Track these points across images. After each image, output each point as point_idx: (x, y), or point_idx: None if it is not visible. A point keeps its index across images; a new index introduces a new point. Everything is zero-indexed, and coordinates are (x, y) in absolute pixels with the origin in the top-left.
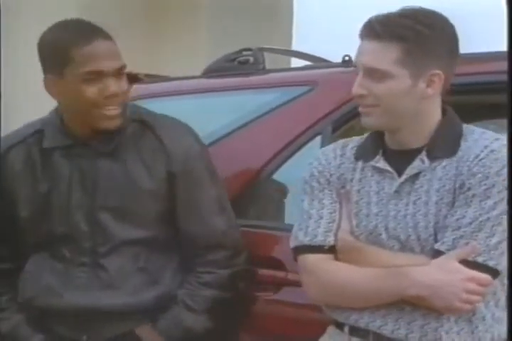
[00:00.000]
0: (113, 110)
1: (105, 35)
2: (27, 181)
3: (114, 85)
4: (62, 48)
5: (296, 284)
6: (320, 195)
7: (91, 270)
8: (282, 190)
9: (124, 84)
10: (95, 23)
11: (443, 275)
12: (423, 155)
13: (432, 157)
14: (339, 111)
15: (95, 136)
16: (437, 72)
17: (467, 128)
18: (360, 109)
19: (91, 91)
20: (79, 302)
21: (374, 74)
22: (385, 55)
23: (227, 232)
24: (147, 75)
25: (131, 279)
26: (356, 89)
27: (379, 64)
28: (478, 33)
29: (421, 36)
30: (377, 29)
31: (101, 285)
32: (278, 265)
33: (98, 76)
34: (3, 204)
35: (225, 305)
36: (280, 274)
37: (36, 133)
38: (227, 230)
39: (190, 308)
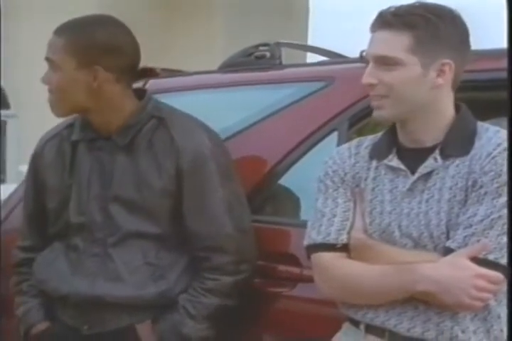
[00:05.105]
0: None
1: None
2: (57, 173)
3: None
4: None
5: (312, 280)
6: (334, 194)
7: (101, 260)
8: (297, 186)
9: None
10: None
11: (452, 271)
12: (436, 154)
13: (445, 155)
14: (356, 107)
15: (115, 129)
16: (448, 61)
17: (482, 126)
18: (372, 103)
19: None
20: (84, 291)
21: (385, 62)
22: (396, 43)
23: (233, 235)
24: (164, 70)
25: (137, 273)
26: (366, 78)
27: (390, 51)
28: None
29: (432, 24)
30: (389, 18)
31: (108, 276)
32: (293, 261)
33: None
34: (37, 196)
35: (227, 312)
36: (295, 270)
37: (69, 126)
38: (233, 233)
39: (191, 315)
